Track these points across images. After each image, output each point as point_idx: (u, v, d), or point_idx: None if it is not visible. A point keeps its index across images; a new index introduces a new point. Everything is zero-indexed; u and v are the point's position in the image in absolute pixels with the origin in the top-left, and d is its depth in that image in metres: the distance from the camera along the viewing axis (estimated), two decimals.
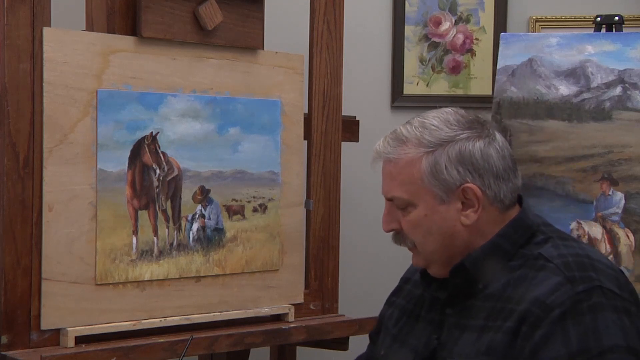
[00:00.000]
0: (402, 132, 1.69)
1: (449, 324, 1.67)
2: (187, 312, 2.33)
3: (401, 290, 1.87)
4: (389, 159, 1.68)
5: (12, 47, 2.07)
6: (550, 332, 1.52)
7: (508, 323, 1.57)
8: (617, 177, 2.58)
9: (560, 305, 1.53)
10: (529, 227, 1.68)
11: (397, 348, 1.77)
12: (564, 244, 1.65)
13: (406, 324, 1.78)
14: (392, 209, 1.70)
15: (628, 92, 2.61)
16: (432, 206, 1.65)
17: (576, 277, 1.56)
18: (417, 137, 1.66)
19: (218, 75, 2.37)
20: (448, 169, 1.63)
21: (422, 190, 1.65)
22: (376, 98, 3.34)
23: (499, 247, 1.66)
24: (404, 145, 1.66)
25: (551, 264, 1.59)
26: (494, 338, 1.57)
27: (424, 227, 1.66)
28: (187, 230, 2.34)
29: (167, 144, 2.29)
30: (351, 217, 3.08)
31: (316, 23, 2.58)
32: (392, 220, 1.70)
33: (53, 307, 2.12)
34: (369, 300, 2.58)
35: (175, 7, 2.28)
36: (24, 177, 2.09)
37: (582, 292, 1.54)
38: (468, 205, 1.65)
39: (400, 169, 1.66)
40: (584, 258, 1.60)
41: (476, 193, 1.64)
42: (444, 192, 1.64)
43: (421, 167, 1.64)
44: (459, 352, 1.62)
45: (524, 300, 1.57)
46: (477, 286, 1.65)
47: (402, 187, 1.66)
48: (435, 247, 1.67)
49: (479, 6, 3.28)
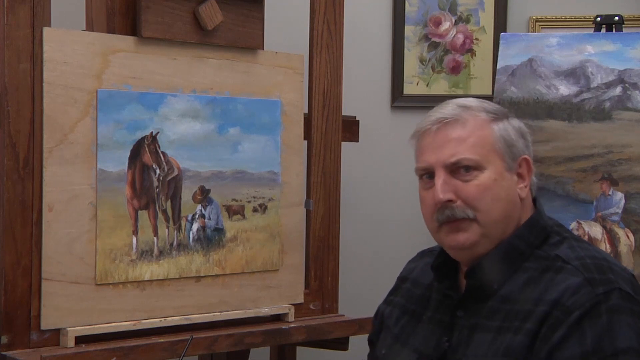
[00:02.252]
0: (461, 102, 1.71)
1: (460, 326, 1.66)
2: (187, 312, 2.33)
3: (399, 289, 1.86)
4: (457, 120, 1.66)
5: (12, 47, 2.07)
6: (568, 333, 1.52)
7: (528, 325, 1.56)
8: (617, 177, 2.58)
9: (580, 307, 1.53)
10: (544, 228, 1.68)
11: (398, 348, 1.76)
12: (580, 246, 1.65)
13: (408, 323, 1.77)
14: (448, 177, 1.65)
15: (628, 92, 2.61)
16: (500, 171, 1.65)
17: (596, 279, 1.56)
18: (481, 106, 1.69)
19: (218, 75, 2.37)
20: (515, 137, 1.67)
21: (492, 153, 1.65)
22: (376, 98, 3.34)
23: (515, 247, 1.65)
24: (470, 110, 1.68)
25: (569, 266, 1.59)
26: (513, 339, 1.56)
27: (493, 192, 1.63)
28: (187, 230, 2.34)
29: (167, 144, 2.29)
30: (351, 217, 3.08)
31: (316, 23, 2.58)
32: (450, 190, 1.64)
33: (53, 307, 2.12)
34: (369, 300, 2.57)
35: (175, 7, 2.28)
36: (24, 177, 2.09)
37: (602, 294, 1.53)
38: (521, 179, 1.67)
39: (471, 130, 1.65)
40: (602, 261, 1.60)
41: (530, 166, 1.68)
42: (511, 159, 1.66)
43: (494, 131, 1.66)
44: (474, 354, 1.61)
45: (543, 301, 1.56)
46: (492, 287, 1.64)
47: (473, 149, 1.64)
48: (499, 216, 1.64)
49: (479, 6, 3.28)
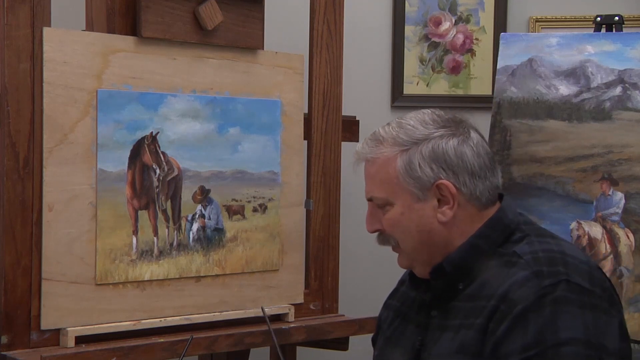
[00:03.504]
0: (380, 133, 1.73)
1: (433, 325, 1.70)
2: (187, 312, 2.33)
3: (397, 292, 1.89)
4: (367, 159, 1.72)
5: (12, 47, 2.07)
6: (511, 326, 1.53)
7: (479, 320, 1.59)
8: (617, 177, 2.58)
9: (525, 299, 1.54)
10: (507, 226, 1.69)
11: (389, 349, 1.80)
12: (539, 241, 1.66)
13: (400, 325, 1.80)
14: (374, 209, 1.74)
15: (628, 92, 2.60)
16: (408, 204, 1.68)
17: (543, 271, 1.57)
18: (393, 137, 1.70)
19: (218, 75, 2.37)
20: (422, 166, 1.67)
21: (398, 188, 1.68)
22: (376, 98, 3.34)
23: (476, 247, 1.67)
24: (381, 145, 1.70)
25: (522, 260, 1.61)
26: (466, 335, 1.60)
27: (402, 225, 1.69)
28: (187, 230, 2.34)
29: (167, 144, 2.29)
30: (351, 217, 3.08)
31: (316, 23, 2.58)
32: (375, 221, 1.73)
33: (53, 307, 2.12)
34: (369, 300, 2.58)
35: (175, 7, 2.28)
36: (24, 177, 2.09)
37: (548, 286, 1.55)
38: (444, 202, 1.68)
39: (377, 168, 1.70)
40: (557, 253, 1.61)
41: (450, 189, 1.67)
42: (419, 189, 1.67)
43: (396, 166, 1.68)
44: (437, 353, 1.65)
45: (494, 296, 1.59)
46: (458, 287, 1.66)
47: (380, 187, 1.70)
48: (414, 245, 1.70)
49: (479, 6, 3.28)
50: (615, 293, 1.65)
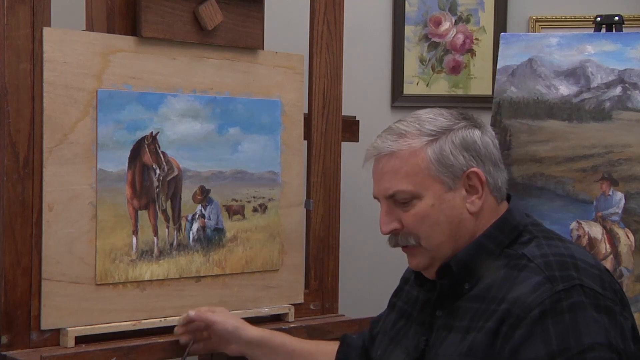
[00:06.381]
0: (398, 127, 1.70)
1: (438, 325, 1.68)
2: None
3: (401, 291, 1.88)
4: (391, 153, 1.67)
5: (12, 47, 2.07)
6: (530, 332, 1.51)
7: (489, 323, 1.57)
8: (617, 177, 2.58)
9: (540, 304, 1.53)
10: (515, 227, 1.68)
11: (392, 349, 1.78)
12: (548, 244, 1.65)
13: (404, 325, 1.79)
14: (391, 208, 1.69)
15: (628, 92, 2.61)
16: (439, 195, 1.65)
17: (556, 276, 1.56)
18: (417, 128, 1.67)
19: (218, 75, 2.37)
20: (454, 154, 1.65)
21: (428, 179, 1.65)
22: (376, 98, 3.34)
23: (483, 247, 1.66)
24: (405, 137, 1.67)
25: (532, 264, 1.59)
26: (475, 338, 1.58)
27: (431, 218, 1.66)
28: (187, 230, 2.34)
29: (167, 144, 2.29)
30: (351, 217, 3.08)
31: (316, 23, 2.58)
32: (393, 220, 1.69)
33: (53, 307, 2.12)
34: (369, 300, 2.58)
35: (175, 7, 2.28)
36: (24, 177, 2.09)
37: (562, 291, 1.53)
38: (472, 191, 1.66)
39: (403, 161, 1.66)
40: (567, 257, 1.60)
41: (481, 177, 1.66)
42: (451, 178, 1.65)
43: (426, 156, 1.65)
44: (444, 353, 1.63)
45: (505, 300, 1.57)
46: (464, 287, 1.65)
47: (406, 179, 1.66)
48: (442, 239, 1.66)
49: (479, 6, 3.28)
50: (624, 295, 1.64)
